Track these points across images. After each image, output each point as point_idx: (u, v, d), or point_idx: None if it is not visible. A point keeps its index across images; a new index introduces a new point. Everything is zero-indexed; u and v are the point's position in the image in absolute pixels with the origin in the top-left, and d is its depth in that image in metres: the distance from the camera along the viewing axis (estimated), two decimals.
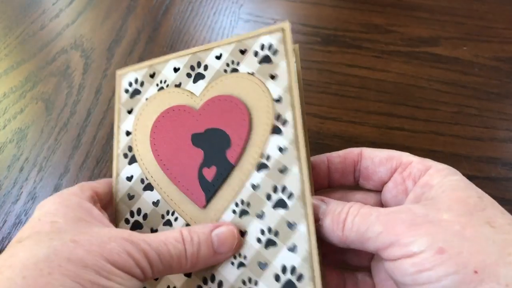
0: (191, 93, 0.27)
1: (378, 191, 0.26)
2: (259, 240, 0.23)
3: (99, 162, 0.41)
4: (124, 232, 0.21)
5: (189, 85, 0.28)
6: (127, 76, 0.30)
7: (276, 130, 0.24)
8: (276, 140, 0.24)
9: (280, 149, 0.24)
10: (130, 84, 0.30)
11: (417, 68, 0.47)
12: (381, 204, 0.26)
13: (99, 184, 0.27)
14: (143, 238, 0.21)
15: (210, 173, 0.25)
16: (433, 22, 0.51)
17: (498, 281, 0.17)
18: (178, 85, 0.28)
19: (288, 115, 0.24)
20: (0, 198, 0.39)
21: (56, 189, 0.39)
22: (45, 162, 0.41)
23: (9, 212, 0.38)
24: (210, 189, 0.25)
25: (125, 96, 0.30)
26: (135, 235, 0.21)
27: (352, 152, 0.26)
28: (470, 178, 0.22)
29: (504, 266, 0.17)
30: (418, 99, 0.44)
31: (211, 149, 0.25)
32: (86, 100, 0.45)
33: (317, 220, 0.23)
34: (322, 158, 0.27)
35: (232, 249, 0.23)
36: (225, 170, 0.25)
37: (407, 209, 0.20)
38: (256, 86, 0.25)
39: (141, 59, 0.48)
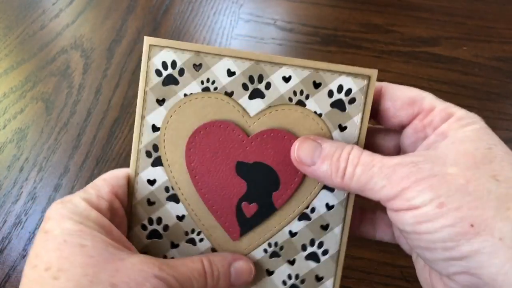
0: (244, 110, 0.24)
1: (397, 131, 0.25)
2: (284, 283, 0.24)
3: (99, 162, 0.41)
4: (154, 266, 0.20)
5: (244, 99, 0.24)
6: (162, 54, 0.25)
7: (329, 186, 0.23)
8: (326, 196, 0.24)
9: (328, 206, 0.23)
10: (165, 67, 0.24)
11: (417, 68, 0.47)
12: (399, 148, 0.25)
13: (117, 183, 0.24)
14: (172, 273, 0.21)
15: (250, 209, 0.24)
16: (433, 22, 0.51)
17: (493, 234, 0.17)
18: (229, 94, 0.24)
19: None
20: (0, 198, 0.39)
21: (56, 189, 0.39)
22: (45, 162, 0.41)
23: (9, 212, 0.38)
24: (247, 225, 0.24)
25: (156, 80, 0.24)
26: (165, 269, 0.21)
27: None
28: None
29: (500, 220, 0.18)
30: None
31: (256, 185, 0.24)
32: (86, 100, 0.45)
33: (311, 164, 0.22)
34: None
35: (248, 282, 0.24)
36: (267, 212, 0.24)
37: (411, 162, 0.20)
38: (320, 132, 0.23)
39: (141, 59, 0.48)
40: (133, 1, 0.54)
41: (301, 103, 0.24)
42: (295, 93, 0.24)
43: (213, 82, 0.24)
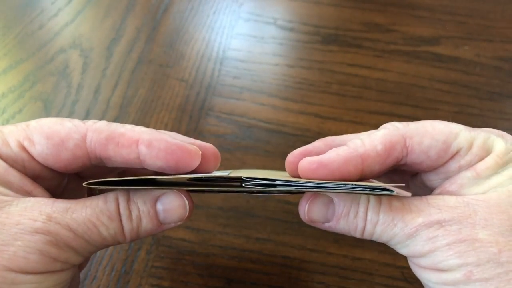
0: None
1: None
2: None
3: None
4: (40, 215, 0.17)
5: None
6: None
7: None
8: None
9: None
10: None
11: (418, 67, 0.47)
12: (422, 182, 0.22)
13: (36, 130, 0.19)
14: (66, 222, 0.17)
15: None
16: (434, 21, 0.51)
17: None
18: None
19: None
20: None
21: None
22: None
23: None
24: None
25: None
26: (56, 217, 0.17)
27: (394, 148, 0.19)
28: None
29: None
30: (419, 98, 0.44)
31: None
32: (85, 100, 0.45)
33: (326, 221, 0.20)
34: (355, 162, 0.20)
35: (184, 218, 0.20)
36: None
37: (437, 223, 0.18)
38: None
39: (140, 58, 0.48)
40: (132, 0, 0.53)
41: None
42: None
43: None
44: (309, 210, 0.21)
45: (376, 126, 0.36)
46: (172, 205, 0.20)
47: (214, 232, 0.34)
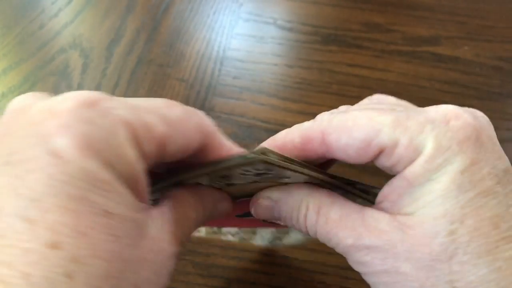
0: None
1: None
2: None
3: None
4: (172, 242, 0.15)
5: None
6: None
7: None
8: None
9: None
10: None
11: (418, 67, 0.47)
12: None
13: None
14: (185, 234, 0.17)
15: None
16: (434, 21, 0.51)
17: None
18: None
19: None
20: None
21: None
22: None
23: None
24: None
25: None
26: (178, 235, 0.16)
27: (311, 143, 0.18)
28: None
29: None
30: (419, 98, 0.44)
31: None
32: None
33: (276, 220, 0.21)
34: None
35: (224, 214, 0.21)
36: None
37: (366, 248, 0.17)
38: None
39: (140, 58, 0.48)
40: (132, 1, 0.53)
41: None
42: None
43: None
44: (256, 212, 0.21)
45: None
46: (224, 211, 0.21)
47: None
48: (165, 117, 0.15)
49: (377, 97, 0.22)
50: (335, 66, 0.46)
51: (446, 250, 0.15)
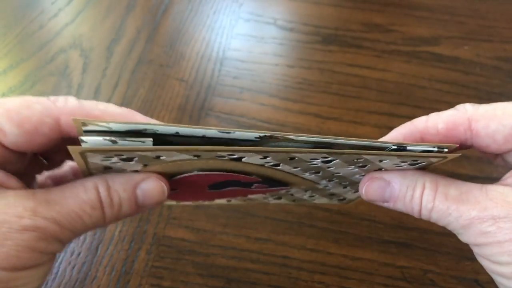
0: None
1: None
2: None
3: None
4: (24, 212, 0.17)
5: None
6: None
7: None
8: None
9: None
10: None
11: (418, 67, 0.47)
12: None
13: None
14: (51, 215, 0.17)
15: None
16: (434, 22, 0.51)
17: None
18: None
19: None
20: None
21: None
22: None
23: None
24: None
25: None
26: (42, 211, 0.17)
27: (456, 129, 0.20)
28: (470, 178, 0.22)
29: None
30: (419, 99, 0.44)
31: None
32: (85, 100, 0.45)
33: (384, 201, 0.21)
34: (414, 138, 0.21)
35: (161, 202, 0.20)
36: None
37: (491, 218, 0.18)
38: None
39: (140, 58, 0.48)
40: (132, 1, 0.53)
41: None
42: None
43: None
44: (367, 191, 0.21)
45: (376, 126, 0.36)
46: (151, 191, 0.20)
47: (214, 232, 0.34)
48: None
49: None
50: (335, 66, 0.46)
51: None
